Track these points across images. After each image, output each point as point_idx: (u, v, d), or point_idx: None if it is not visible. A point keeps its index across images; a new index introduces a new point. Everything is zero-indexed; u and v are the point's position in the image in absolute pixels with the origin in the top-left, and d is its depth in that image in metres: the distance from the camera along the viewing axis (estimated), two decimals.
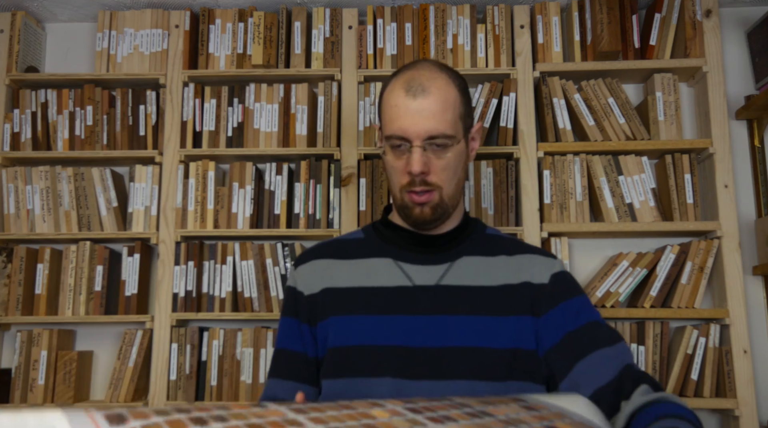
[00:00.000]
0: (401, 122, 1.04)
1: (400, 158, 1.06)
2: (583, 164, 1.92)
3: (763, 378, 1.90)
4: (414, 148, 1.03)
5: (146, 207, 1.96)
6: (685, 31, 1.96)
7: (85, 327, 2.03)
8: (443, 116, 1.04)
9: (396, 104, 1.05)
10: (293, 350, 1.10)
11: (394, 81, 1.09)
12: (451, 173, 1.06)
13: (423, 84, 1.05)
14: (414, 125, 1.03)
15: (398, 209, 1.10)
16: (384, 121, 1.09)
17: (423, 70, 1.08)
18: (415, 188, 1.05)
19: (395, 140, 1.05)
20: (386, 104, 1.08)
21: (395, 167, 1.07)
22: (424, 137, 1.03)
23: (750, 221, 1.98)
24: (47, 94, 2.04)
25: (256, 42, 2.01)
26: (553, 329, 1.03)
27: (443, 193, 1.06)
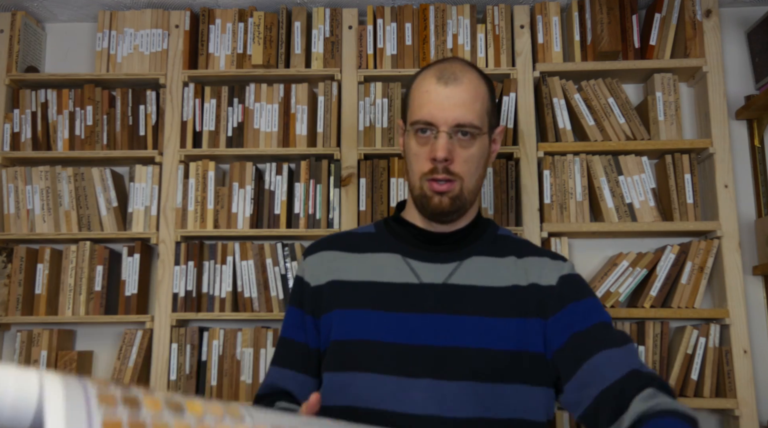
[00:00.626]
0: (430, 107, 1.05)
1: (424, 145, 1.06)
2: (583, 164, 1.92)
3: (763, 378, 1.90)
4: (440, 133, 1.03)
5: (146, 207, 1.96)
6: (685, 31, 1.96)
7: (85, 327, 2.03)
8: (473, 105, 1.05)
9: (427, 90, 1.06)
10: (295, 339, 1.11)
11: (424, 72, 1.10)
12: (473, 166, 1.07)
13: (455, 73, 1.06)
14: (443, 111, 1.04)
15: (416, 200, 1.09)
16: (412, 107, 1.09)
17: (455, 63, 1.10)
18: (437, 175, 1.04)
19: (422, 124, 1.05)
20: (416, 91, 1.09)
21: (418, 154, 1.07)
22: (451, 124, 1.04)
23: (750, 221, 1.98)
24: (47, 94, 2.04)
25: (256, 42, 2.01)
26: (560, 330, 1.02)
27: (464, 185, 1.06)
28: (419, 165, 1.07)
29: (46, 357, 1.88)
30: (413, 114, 1.08)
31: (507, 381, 1.00)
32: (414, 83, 1.12)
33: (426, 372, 1.00)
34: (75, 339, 2.02)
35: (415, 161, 1.08)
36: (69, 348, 1.99)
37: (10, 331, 2.00)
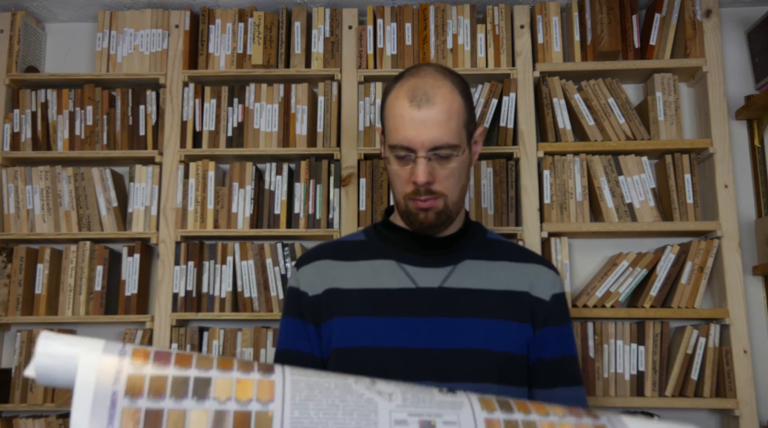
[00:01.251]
0: (406, 132, 1.03)
1: (404, 167, 1.06)
2: (583, 164, 1.92)
3: (763, 378, 1.90)
4: (419, 159, 1.03)
5: (146, 207, 1.96)
6: (685, 31, 1.96)
7: (85, 327, 2.03)
8: (447, 125, 1.03)
9: (401, 114, 1.04)
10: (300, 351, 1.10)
11: (397, 88, 1.07)
12: (455, 181, 1.07)
13: (427, 93, 1.04)
14: (418, 136, 1.02)
15: (402, 215, 1.10)
16: (388, 129, 1.08)
17: (426, 77, 1.06)
18: (420, 196, 1.04)
19: (400, 150, 1.05)
20: (390, 112, 1.07)
21: (399, 176, 1.07)
22: (428, 148, 1.02)
23: (750, 221, 1.98)
24: (47, 94, 2.04)
25: (256, 42, 2.01)
26: (534, 349, 1.08)
27: (448, 200, 1.07)
28: (401, 186, 1.07)
29: None
30: (390, 137, 1.07)
31: (508, 383, 1.03)
32: (387, 100, 1.09)
33: (428, 374, 1.01)
34: None
35: (397, 181, 1.08)
36: None
37: (10, 331, 2.00)
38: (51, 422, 1.86)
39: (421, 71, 1.08)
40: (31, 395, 1.86)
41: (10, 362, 1.97)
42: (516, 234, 1.89)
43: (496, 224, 1.91)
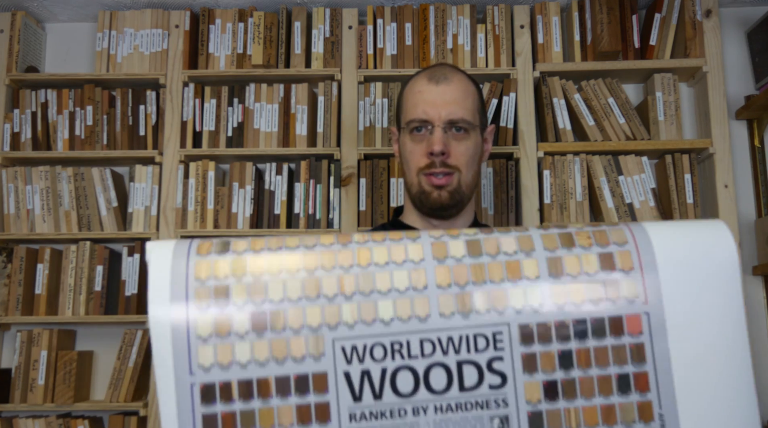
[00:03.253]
0: (424, 105, 1.09)
1: (419, 142, 1.09)
2: (583, 164, 1.92)
3: (763, 378, 1.90)
4: (435, 128, 1.07)
5: (146, 207, 1.96)
6: (685, 31, 1.96)
7: (85, 327, 2.03)
8: (464, 102, 1.10)
9: (420, 90, 1.11)
10: None
11: (415, 77, 1.16)
12: (469, 159, 1.10)
13: (445, 74, 1.12)
14: (436, 108, 1.08)
15: (414, 197, 1.12)
16: (406, 109, 1.13)
17: (444, 66, 1.16)
18: (435, 169, 1.07)
19: (417, 122, 1.09)
20: (408, 94, 1.14)
21: (413, 151, 1.10)
22: (445, 120, 1.08)
23: (750, 221, 1.98)
24: (47, 94, 2.04)
25: (256, 42, 2.01)
26: None
27: (461, 178, 1.09)
28: (416, 161, 1.10)
29: (46, 357, 1.88)
30: (408, 114, 1.12)
31: None
32: (405, 88, 1.17)
33: None
34: (75, 339, 2.02)
35: (411, 158, 1.11)
36: (69, 348, 1.99)
37: (10, 331, 2.00)
38: (51, 422, 1.86)
39: (439, 65, 1.18)
40: (31, 395, 1.86)
41: (10, 362, 1.97)
42: None
43: (496, 224, 1.91)
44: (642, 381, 0.61)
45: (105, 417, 1.94)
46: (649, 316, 0.62)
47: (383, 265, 0.59)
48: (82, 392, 1.93)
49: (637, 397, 0.61)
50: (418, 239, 0.61)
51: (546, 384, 0.60)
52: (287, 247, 0.60)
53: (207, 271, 0.58)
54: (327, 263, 0.59)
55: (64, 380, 1.87)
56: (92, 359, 2.01)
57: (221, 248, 0.60)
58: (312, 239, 0.61)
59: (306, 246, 0.60)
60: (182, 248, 0.59)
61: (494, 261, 0.61)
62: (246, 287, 0.57)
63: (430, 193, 1.09)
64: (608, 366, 0.61)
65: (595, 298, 0.61)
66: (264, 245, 0.60)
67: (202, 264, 0.59)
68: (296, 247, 0.60)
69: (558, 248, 0.62)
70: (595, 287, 0.61)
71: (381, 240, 0.61)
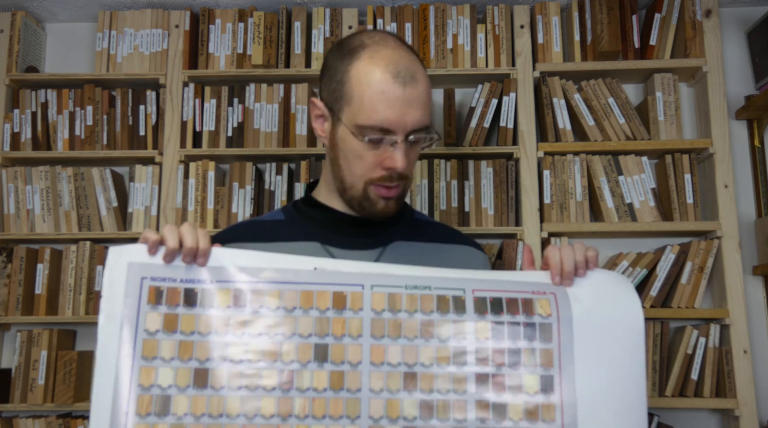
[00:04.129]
0: (388, 112, 0.92)
1: (374, 150, 0.95)
2: (583, 164, 1.92)
3: (763, 378, 1.90)
4: (398, 144, 0.94)
5: (146, 207, 1.96)
6: (685, 31, 1.96)
7: (85, 327, 2.03)
8: (427, 105, 0.96)
9: (382, 91, 0.92)
10: None
11: (368, 59, 0.95)
12: (414, 164, 1.02)
13: (409, 69, 0.94)
14: (402, 118, 0.93)
15: (352, 200, 1.00)
16: (358, 104, 0.94)
17: (401, 50, 0.97)
18: (391, 183, 0.97)
19: (374, 132, 0.93)
20: (364, 86, 0.94)
21: (365, 159, 0.95)
22: (409, 131, 0.94)
23: (750, 221, 1.98)
24: (47, 94, 2.04)
25: (256, 42, 2.01)
26: None
27: (407, 183, 1.00)
28: (365, 170, 0.96)
29: (46, 357, 1.88)
30: (361, 115, 0.93)
31: None
32: (355, 70, 0.95)
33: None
34: (75, 339, 2.02)
35: (358, 164, 0.96)
36: (69, 348, 1.99)
37: (10, 331, 2.00)
38: (51, 422, 1.86)
39: (388, 42, 0.98)
40: (31, 395, 1.86)
41: (10, 362, 1.97)
42: (516, 234, 1.89)
43: (496, 224, 1.91)
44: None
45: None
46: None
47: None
48: (82, 392, 1.93)
49: None
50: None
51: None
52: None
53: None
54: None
55: (64, 380, 1.87)
56: (92, 359, 2.01)
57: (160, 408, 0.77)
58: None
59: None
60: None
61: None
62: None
63: (376, 203, 0.98)
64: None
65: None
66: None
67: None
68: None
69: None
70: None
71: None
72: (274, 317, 0.80)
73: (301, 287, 0.82)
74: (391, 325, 0.81)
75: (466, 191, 1.93)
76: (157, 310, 0.79)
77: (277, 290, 0.81)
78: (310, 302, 0.81)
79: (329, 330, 0.80)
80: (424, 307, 0.82)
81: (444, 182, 1.93)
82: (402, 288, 0.83)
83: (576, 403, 0.80)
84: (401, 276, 0.84)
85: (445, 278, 0.85)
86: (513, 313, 0.83)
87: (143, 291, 0.80)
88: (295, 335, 0.80)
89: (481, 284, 0.85)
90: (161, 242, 0.85)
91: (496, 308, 0.83)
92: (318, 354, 0.79)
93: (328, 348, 0.80)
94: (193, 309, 0.80)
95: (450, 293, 0.83)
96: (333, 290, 0.82)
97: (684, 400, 1.79)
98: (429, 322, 0.82)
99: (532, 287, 0.86)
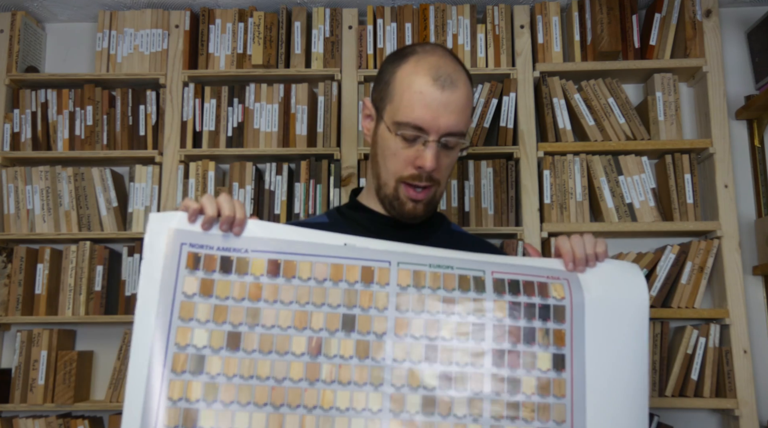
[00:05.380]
0: (424, 112, 0.98)
1: (406, 148, 1.00)
2: (583, 164, 1.92)
3: (763, 378, 1.90)
4: (430, 143, 0.98)
5: (146, 207, 1.96)
6: (685, 31, 1.96)
7: (85, 327, 2.03)
8: (465, 113, 1.01)
9: (420, 91, 0.98)
10: None
11: (413, 62, 1.01)
12: (449, 171, 1.05)
13: (451, 76, 1.00)
14: (436, 119, 0.98)
15: (385, 198, 1.05)
16: (398, 102, 1.00)
17: (446, 58, 1.02)
18: (420, 183, 1.01)
19: (410, 129, 0.99)
20: (403, 86, 1.00)
21: (398, 156, 1.01)
22: (443, 133, 0.99)
23: (750, 221, 1.98)
24: (47, 94, 2.04)
25: (256, 42, 2.01)
26: None
27: (438, 190, 1.04)
28: (397, 167, 1.01)
29: (46, 357, 1.88)
30: (399, 113, 0.99)
31: None
32: (400, 71, 1.02)
33: None
34: (75, 339, 2.02)
35: (393, 160, 1.01)
36: (69, 348, 1.99)
37: (10, 331, 2.00)
38: (51, 422, 1.86)
39: (437, 51, 1.04)
40: (31, 395, 1.86)
41: (10, 362, 1.97)
42: (516, 234, 1.89)
43: (496, 224, 1.91)
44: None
45: (105, 417, 1.94)
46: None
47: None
48: (82, 392, 1.93)
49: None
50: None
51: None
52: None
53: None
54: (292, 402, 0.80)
55: (64, 380, 1.87)
56: (92, 359, 2.01)
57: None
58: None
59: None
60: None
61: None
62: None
63: (404, 203, 1.03)
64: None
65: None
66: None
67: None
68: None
69: (503, 418, 0.81)
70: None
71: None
72: (305, 287, 0.84)
73: (331, 260, 0.86)
74: (415, 300, 0.85)
75: (466, 191, 1.93)
76: (195, 275, 0.83)
77: (309, 262, 0.85)
78: (339, 275, 0.85)
79: (357, 302, 0.84)
80: (446, 285, 0.86)
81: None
82: (426, 267, 0.87)
83: (585, 380, 0.85)
84: (426, 256, 0.89)
85: (466, 259, 0.90)
86: (529, 294, 0.87)
87: (182, 256, 0.84)
88: (324, 304, 0.83)
89: (500, 267, 0.89)
90: (201, 211, 0.89)
91: (514, 289, 0.87)
92: (346, 324, 0.83)
93: (355, 318, 0.83)
94: (229, 276, 0.83)
95: (471, 273, 0.88)
96: (362, 265, 0.86)
97: (684, 400, 1.79)
98: (450, 299, 0.85)
99: (547, 272, 0.90)
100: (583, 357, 0.85)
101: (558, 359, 0.85)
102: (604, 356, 0.86)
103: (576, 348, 0.86)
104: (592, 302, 0.88)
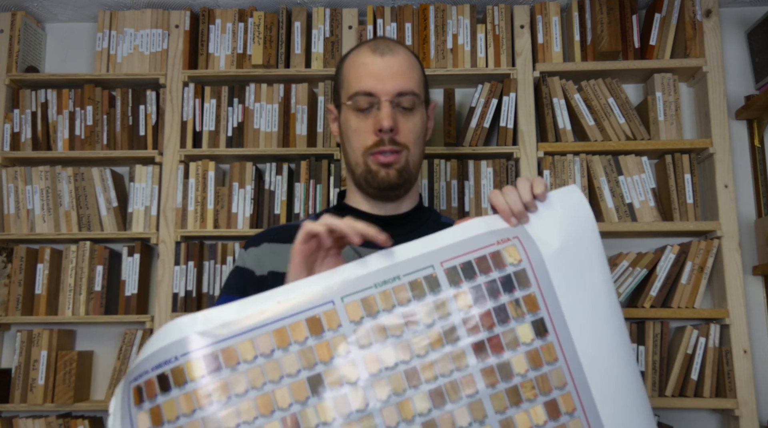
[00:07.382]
0: (369, 78, 1.03)
1: (365, 119, 1.04)
2: (583, 164, 1.92)
3: (763, 378, 1.90)
4: (383, 103, 1.02)
5: (146, 207, 1.96)
6: (685, 31, 1.96)
7: (85, 327, 2.03)
8: (411, 73, 1.05)
9: (364, 63, 1.04)
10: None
11: (355, 50, 1.10)
12: (417, 136, 1.06)
13: (389, 46, 1.06)
14: (382, 81, 1.02)
15: (359, 178, 1.07)
16: (347, 82, 1.07)
17: (385, 39, 1.10)
18: (384, 147, 1.02)
19: (362, 97, 1.03)
20: (350, 67, 1.07)
21: (358, 129, 1.04)
22: (392, 93, 1.02)
23: (750, 221, 1.98)
24: (47, 94, 2.04)
25: (256, 42, 2.01)
26: None
27: (409, 156, 1.05)
28: (361, 140, 1.04)
29: (46, 357, 1.88)
30: (350, 87, 1.05)
31: None
32: (345, 62, 1.10)
33: None
34: (75, 339, 2.02)
35: (355, 136, 1.04)
36: (69, 348, 1.99)
37: (10, 331, 2.00)
38: (51, 422, 1.86)
39: (376, 38, 1.12)
40: (31, 395, 1.86)
41: (10, 362, 1.97)
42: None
43: None
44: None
45: (105, 417, 1.94)
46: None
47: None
48: (82, 392, 1.93)
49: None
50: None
51: None
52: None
53: None
54: None
55: (64, 380, 1.87)
56: (92, 359, 2.01)
57: None
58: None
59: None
60: None
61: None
62: None
63: (377, 172, 1.04)
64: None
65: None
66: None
67: None
68: None
69: (508, 408, 0.77)
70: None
71: None
72: (255, 368, 0.75)
73: (271, 327, 0.77)
74: (375, 330, 0.78)
75: (466, 191, 1.93)
76: (143, 408, 0.73)
77: (249, 340, 0.76)
78: (286, 339, 0.76)
79: (316, 359, 0.76)
80: (400, 300, 0.79)
81: (444, 182, 1.93)
82: (372, 288, 0.80)
83: (570, 334, 0.81)
84: (368, 275, 0.81)
85: (412, 258, 0.82)
86: (486, 272, 0.81)
87: (130, 397, 0.75)
88: (283, 377, 0.75)
89: (448, 253, 0.82)
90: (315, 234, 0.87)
91: (469, 273, 0.81)
92: (314, 387, 0.75)
93: (321, 376, 0.75)
94: (170, 393, 0.73)
95: (420, 274, 0.81)
96: (305, 317, 0.77)
97: (684, 400, 1.79)
98: (410, 313, 0.79)
99: (494, 236, 0.84)
100: (560, 312, 0.81)
101: (537, 324, 0.80)
102: (577, 299, 0.82)
103: (551, 305, 0.81)
104: (551, 254, 0.83)
